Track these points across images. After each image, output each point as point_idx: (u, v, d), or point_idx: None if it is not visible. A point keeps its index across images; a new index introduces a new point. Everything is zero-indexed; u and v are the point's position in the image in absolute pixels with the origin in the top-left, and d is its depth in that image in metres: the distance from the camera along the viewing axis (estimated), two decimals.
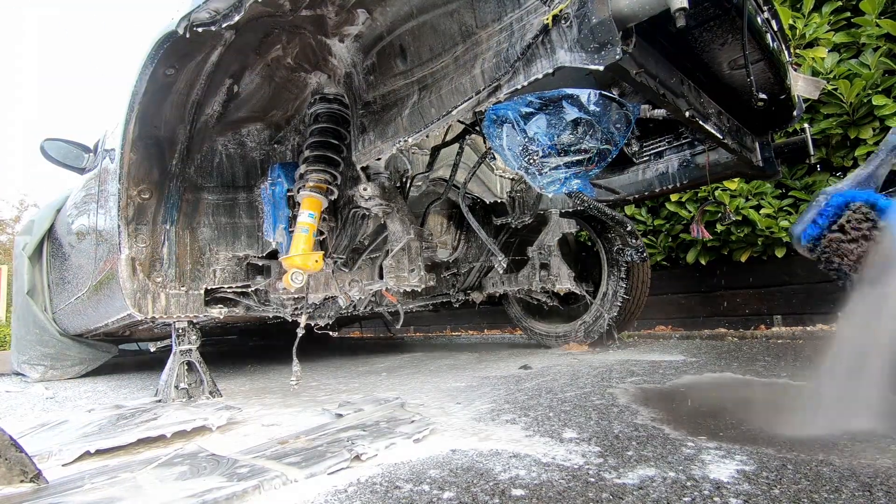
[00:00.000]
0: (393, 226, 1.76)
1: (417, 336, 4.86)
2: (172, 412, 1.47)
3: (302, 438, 1.11)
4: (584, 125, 1.27)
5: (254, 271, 1.88)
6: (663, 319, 3.22)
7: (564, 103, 1.27)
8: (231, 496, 0.79)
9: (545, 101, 1.28)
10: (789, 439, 0.90)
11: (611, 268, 2.36)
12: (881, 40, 2.25)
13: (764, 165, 1.90)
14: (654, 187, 2.14)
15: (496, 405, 1.31)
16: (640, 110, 1.34)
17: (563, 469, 0.82)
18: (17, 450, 0.88)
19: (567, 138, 1.28)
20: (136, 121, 1.49)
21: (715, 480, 0.73)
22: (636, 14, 0.90)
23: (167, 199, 1.70)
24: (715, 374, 1.52)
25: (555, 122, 1.27)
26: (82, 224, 2.41)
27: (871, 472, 0.73)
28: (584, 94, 1.28)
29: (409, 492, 0.77)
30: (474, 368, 2.03)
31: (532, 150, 1.29)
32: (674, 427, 1.01)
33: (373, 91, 1.44)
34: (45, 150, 2.45)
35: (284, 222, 1.65)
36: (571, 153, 1.29)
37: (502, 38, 1.10)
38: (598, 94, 1.29)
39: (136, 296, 1.63)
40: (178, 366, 1.75)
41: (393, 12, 1.30)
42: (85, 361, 3.25)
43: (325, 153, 1.58)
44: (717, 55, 1.39)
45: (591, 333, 2.38)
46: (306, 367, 2.58)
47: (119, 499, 0.83)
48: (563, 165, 1.30)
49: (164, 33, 1.30)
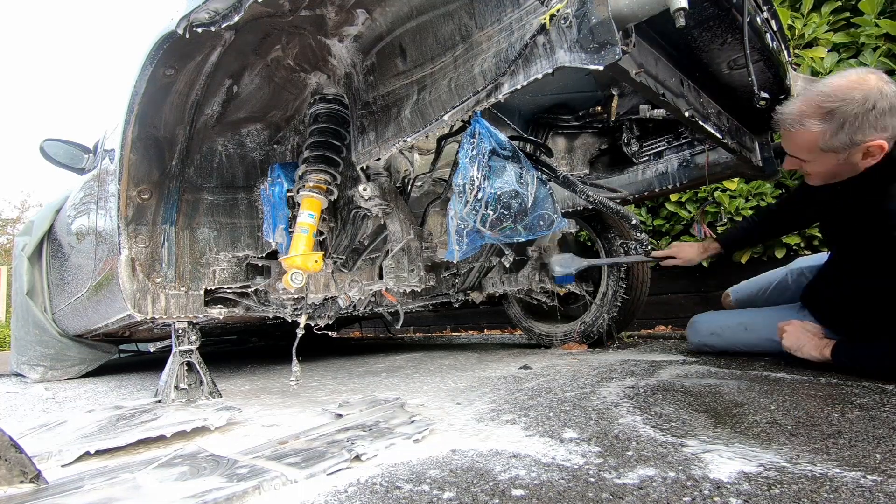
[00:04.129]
0: (393, 226, 1.76)
1: (417, 336, 4.86)
2: (172, 413, 1.47)
3: (302, 439, 1.11)
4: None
5: (253, 272, 1.88)
6: (663, 319, 3.23)
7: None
8: (231, 496, 0.79)
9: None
10: (790, 438, 0.90)
11: (610, 267, 2.36)
12: (880, 40, 2.25)
13: (763, 165, 1.90)
14: (653, 187, 2.14)
15: (496, 405, 1.31)
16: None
17: (563, 469, 0.82)
18: (16, 450, 0.88)
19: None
20: (135, 121, 1.49)
21: (715, 480, 0.73)
22: (636, 14, 0.90)
23: (167, 200, 1.70)
24: (715, 374, 1.52)
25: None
26: (82, 224, 2.41)
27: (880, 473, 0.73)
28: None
29: (409, 492, 0.77)
30: (474, 368, 2.03)
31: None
32: (674, 427, 1.01)
33: (372, 91, 1.44)
34: (45, 151, 2.45)
35: (284, 223, 1.64)
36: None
37: (502, 39, 1.10)
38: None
39: (136, 296, 1.63)
40: (177, 366, 1.75)
41: (392, 12, 1.30)
42: (85, 362, 3.25)
43: (325, 153, 1.58)
44: (717, 55, 1.39)
45: (590, 333, 2.38)
46: (306, 367, 2.58)
47: (119, 499, 0.83)
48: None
49: (163, 34, 1.30)
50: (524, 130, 2.19)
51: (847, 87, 1.20)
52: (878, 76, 1.20)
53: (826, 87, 1.24)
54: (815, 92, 1.25)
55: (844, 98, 1.19)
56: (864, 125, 1.19)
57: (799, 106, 1.28)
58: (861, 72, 1.22)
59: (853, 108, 1.18)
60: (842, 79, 1.23)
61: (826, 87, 1.23)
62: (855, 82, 1.20)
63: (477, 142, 1.27)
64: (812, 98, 1.25)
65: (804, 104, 1.27)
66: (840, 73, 1.26)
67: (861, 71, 1.23)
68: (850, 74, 1.22)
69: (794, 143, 1.35)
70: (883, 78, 1.20)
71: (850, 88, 1.19)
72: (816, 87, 1.26)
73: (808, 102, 1.26)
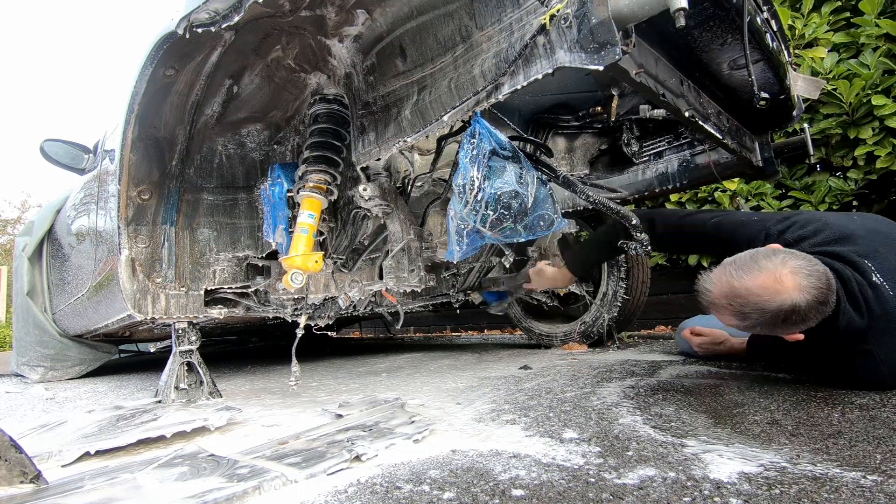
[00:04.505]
0: (393, 226, 1.76)
1: (417, 336, 4.86)
2: (172, 413, 1.47)
3: (302, 439, 1.11)
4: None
5: (254, 272, 1.88)
6: (663, 319, 3.23)
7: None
8: (231, 497, 0.79)
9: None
10: (790, 438, 0.90)
11: (611, 268, 2.36)
12: (880, 40, 2.25)
13: (763, 165, 1.90)
14: (653, 187, 2.14)
15: (496, 405, 1.31)
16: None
17: (563, 469, 0.82)
18: (16, 451, 0.88)
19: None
20: (135, 121, 1.49)
21: (715, 480, 0.73)
22: (636, 14, 0.90)
23: (167, 200, 1.70)
24: (715, 374, 1.52)
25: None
26: (82, 225, 2.41)
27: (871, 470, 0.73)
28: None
29: (409, 492, 0.77)
30: (474, 369, 2.03)
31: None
32: (674, 427, 1.01)
33: (372, 91, 1.44)
34: (45, 151, 2.45)
35: (284, 223, 1.64)
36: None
37: (502, 39, 1.10)
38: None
39: (136, 296, 1.63)
40: (177, 366, 1.75)
41: (393, 13, 1.30)
42: (85, 362, 3.25)
43: (325, 154, 1.58)
44: (717, 55, 1.39)
45: (591, 333, 2.38)
46: (306, 367, 2.58)
47: (119, 499, 0.83)
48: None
49: (163, 34, 1.30)
50: (524, 130, 2.19)
51: (761, 296, 1.09)
52: (794, 282, 1.07)
53: (742, 288, 1.11)
54: (729, 288, 1.13)
55: (756, 306, 1.10)
56: (778, 328, 1.13)
57: (715, 296, 1.16)
58: (778, 275, 1.09)
59: (766, 318, 1.10)
60: (756, 281, 1.10)
61: (742, 289, 1.11)
62: (768, 292, 1.09)
63: (477, 142, 1.27)
64: (725, 293, 1.14)
65: (719, 297, 1.16)
66: (760, 270, 1.11)
67: (778, 273, 1.09)
68: (766, 279, 1.09)
69: (708, 308, 1.23)
70: (800, 285, 1.08)
71: (762, 297, 1.09)
72: (731, 281, 1.13)
73: (722, 297, 1.15)
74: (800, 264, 1.10)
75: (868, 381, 1.20)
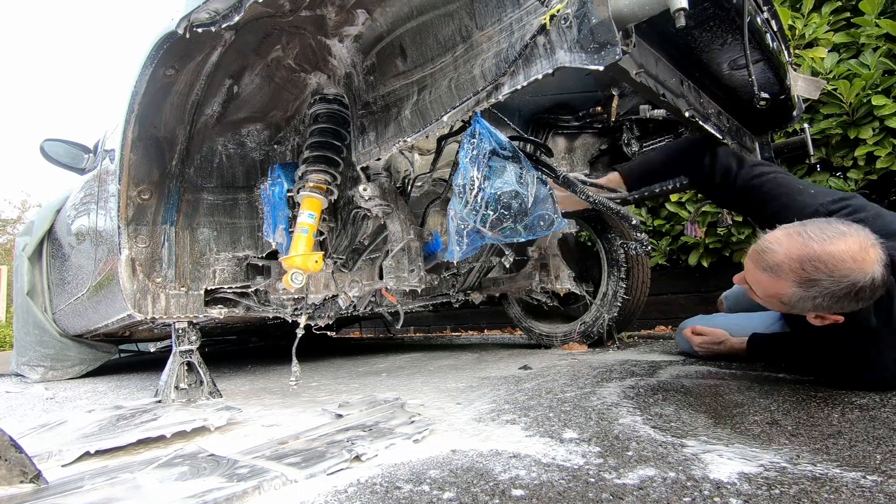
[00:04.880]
0: (393, 226, 1.76)
1: (417, 336, 4.86)
2: (172, 413, 1.47)
3: (302, 439, 1.11)
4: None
5: (254, 272, 1.88)
6: (663, 319, 3.23)
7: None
8: (231, 496, 0.79)
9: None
10: (790, 438, 0.90)
11: (611, 268, 2.36)
12: (881, 40, 2.25)
13: None
14: (653, 187, 2.14)
15: (496, 405, 1.31)
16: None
17: (563, 469, 0.82)
18: (16, 450, 0.88)
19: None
20: (135, 121, 1.49)
21: (715, 480, 0.73)
22: (636, 14, 0.90)
23: (167, 200, 1.70)
24: (715, 374, 1.52)
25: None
26: (82, 225, 2.41)
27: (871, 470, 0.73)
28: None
29: (409, 492, 0.77)
30: (474, 369, 2.03)
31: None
32: (674, 427, 1.01)
33: (372, 91, 1.44)
34: (45, 151, 2.45)
35: (284, 223, 1.64)
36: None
37: (502, 39, 1.10)
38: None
39: (136, 296, 1.63)
40: (177, 366, 1.75)
41: (393, 12, 1.30)
42: (85, 362, 3.25)
43: (325, 153, 1.58)
44: (717, 55, 1.39)
45: (591, 333, 2.38)
46: (306, 367, 2.58)
47: (119, 499, 0.83)
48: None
49: (163, 34, 1.30)
50: (524, 130, 2.19)
51: (844, 262, 1.02)
52: (877, 255, 1.01)
53: (824, 252, 1.03)
54: (807, 250, 1.05)
55: (833, 274, 1.02)
56: (836, 304, 1.05)
57: (782, 257, 1.07)
58: (864, 244, 1.02)
59: (837, 288, 1.03)
60: (841, 244, 1.02)
61: (823, 254, 1.03)
62: (854, 260, 1.01)
63: (477, 142, 1.27)
64: (800, 255, 1.05)
65: (788, 259, 1.07)
66: (844, 235, 1.03)
67: (864, 241, 1.02)
68: (852, 246, 1.02)
69: (756, 279, 1.16)
70: (881, 258, 1.02)
71: (845, 263, 1.02)
72: (810, 244, 1.05)
73: (794, 259, 1.06)
74: (875, 239, 1.04)
75: (869, 381, 1.20)
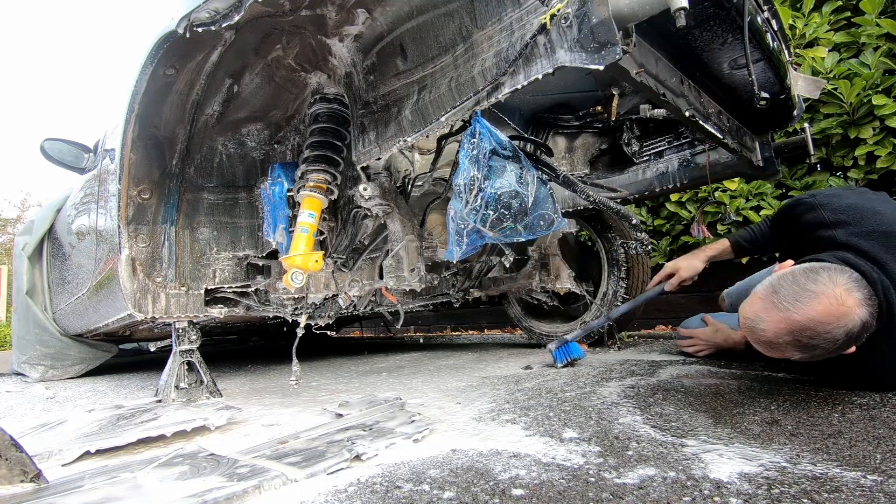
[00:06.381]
0: (393, 226, 1.76)
1: (417, 336, 4.86)
2: (172, 412, 1.47)
3: (302, 438, 1.11)
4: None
5: (254, 271, 1.88)
6: (663, 319, 3.22)
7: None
8: (231, 496, 0.79)
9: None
10: (790, 438, 0.90)
11: (611, 267, 2.36)
12: (881, 40, 2.25)
13: (764, 165, 1.90)
14: (654, 187, 2.14)
15: (496, 405, 1.31)
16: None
17: (563, 469, 0.82)
18: (17, 450, 0.88)
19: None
20: (135, 121, 1.49)
21: (715, 480, 0.73)
22: (636, 14, 0.90)
23: (167, 199, 1.70)
24: (715, 374, 1.52)
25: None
26: (82, 224, 2.41)
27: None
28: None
29: (409, 492, 0.77)
30: (474, 368, 2.03)
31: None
32: (674, 427, 1.01)
33: (373, 91, 1.44)
34: (45, 151, 2.45)
35: (284, 222, 1.64)
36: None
37: (502, 39, 1.10)
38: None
39: (136, 296, 1.63)
40: (178, 366, 1.75)
41: (393, 12, 1.30)
42: (85, 361, 3.25)
43: (326, 153, 1.58)
44: (718, 55, 1.39)
45: (591, 333, 2.38)
46: (306, 367, 2.58)
47: (119, 499, 0.83)
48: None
49: (164, 33, 1.30)
50: (524, 130, 2.19)
51: (830, 323, 1.02)
52: (854, 299, 1.03)
53: (805, 319, 1.03)
54: (791, 324, 1.04)
55: (826, 335, 1.03)
56: (841, 349, 1.06)
57: (772, 335, 1.08)
58: (837, 295, 1.03)
59: (835, 343, 1.04)
60: (818, 306, 1.03)
61: (806, 321, 1.03)
62: (836, 317, 1.02)
63: (477, 141, 1.27)
64: (788, 329, 1.05)
65: (778, 335, 1.07)
66: (816, 296, 1.04)
67: (836, 293, 1.03)
68: (828, 305, 1.02)
69: (760, 349, 1.14)
70: (859, 300, 1.04)
71: (830, 324, 1.02)
72: (791, 315, 1.04)
73: (784, 334, 1.06)
74: (844, 278, 1.05)
75: (870, 381, 1.20)
